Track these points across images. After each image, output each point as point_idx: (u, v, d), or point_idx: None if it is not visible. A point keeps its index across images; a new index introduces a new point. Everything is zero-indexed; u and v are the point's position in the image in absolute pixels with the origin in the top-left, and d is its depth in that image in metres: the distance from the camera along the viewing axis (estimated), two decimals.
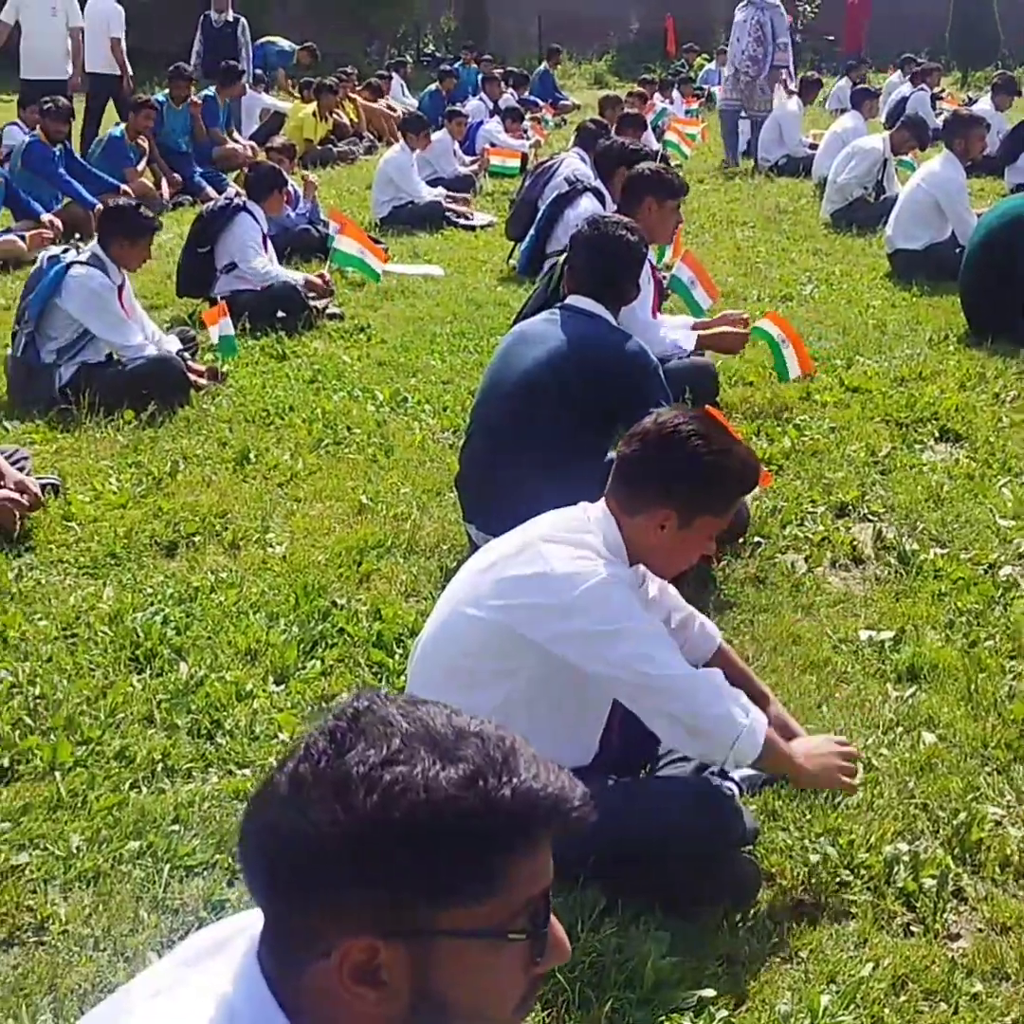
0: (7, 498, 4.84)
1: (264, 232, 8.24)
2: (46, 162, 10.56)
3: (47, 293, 6.28)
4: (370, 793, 1.28)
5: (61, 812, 3.23)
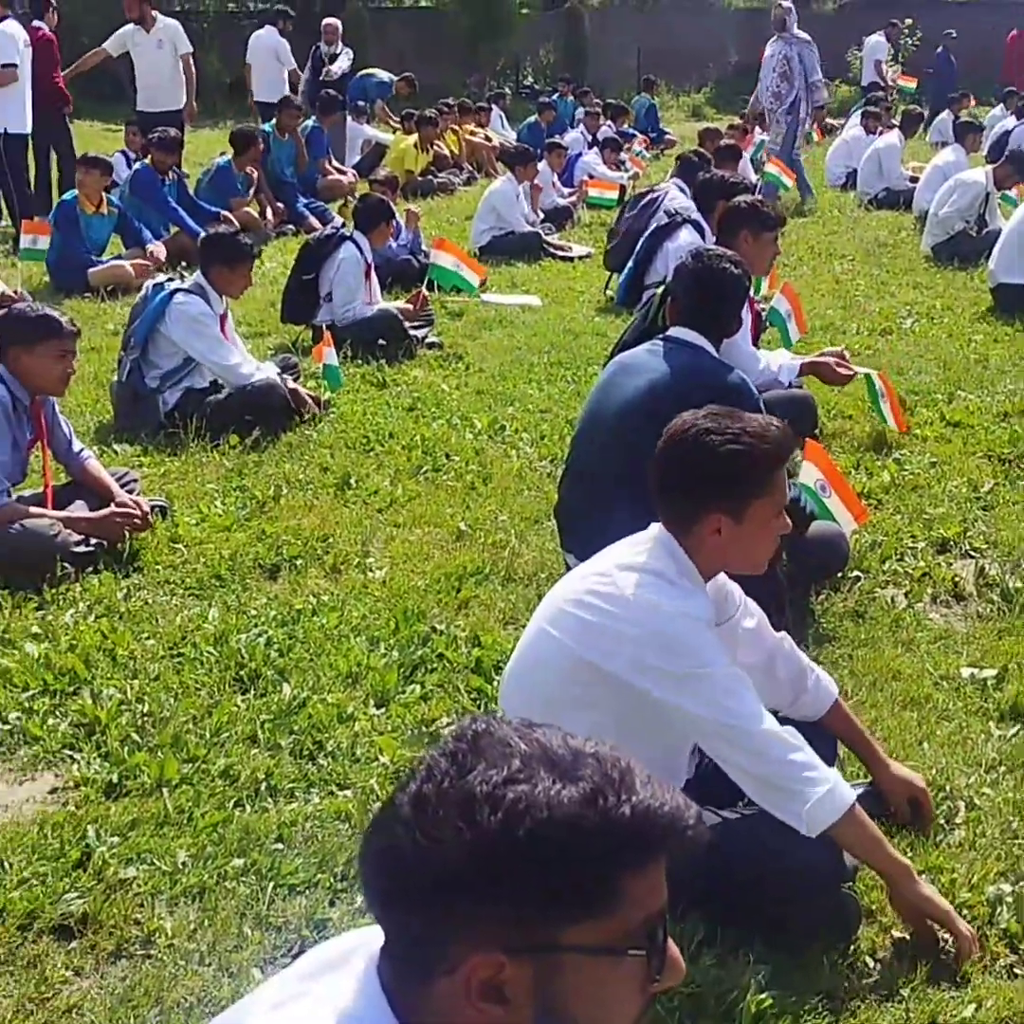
0: (117, 512, 4.96)
1: (369, 263, 8.36)
2: (153, 189, 10.81)
3: (152, 320, 6.44)
4: (494, 811, 1.31)
5: (168, 828, 3.30)
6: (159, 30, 12.62)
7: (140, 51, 12.69)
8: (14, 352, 4.87)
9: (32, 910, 2.95)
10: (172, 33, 12.74)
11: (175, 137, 11.15)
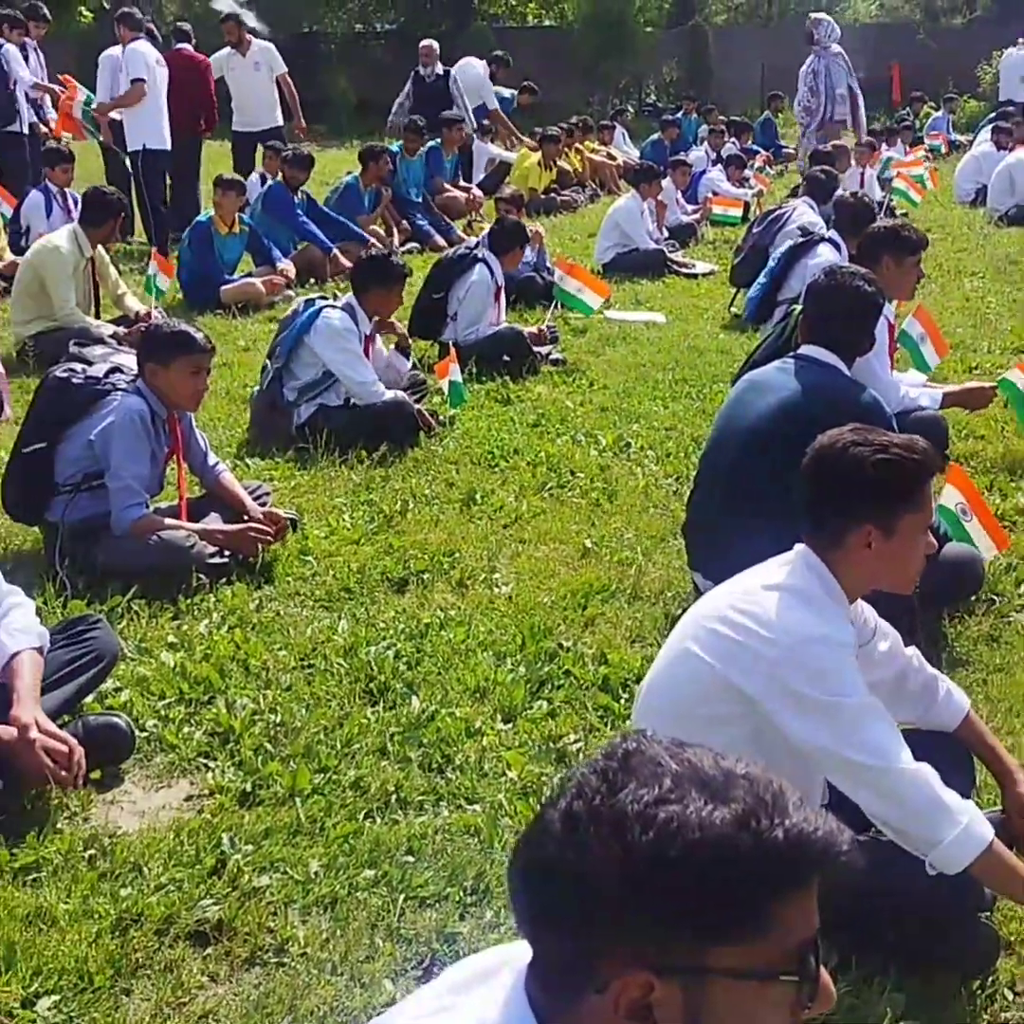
0: (251, 527, 5.06)
1: (499, 284, 8.42)
2: (285, 205, 11.00)
3: (299, 332, 6.60)
4: (646, 831, 1.30)
5: (300, 837, 3.34)
6: (255, 53, 13.28)
7: (236, 74, 13.34)
8: (151, 368, 4.99)
9: (169, 915, 3.01)
10: (268, 55, 13.35)
11: (307, 155, 11.35)
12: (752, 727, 2.83)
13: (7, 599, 3.66)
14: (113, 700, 3.97)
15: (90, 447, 4.93)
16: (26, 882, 3.13)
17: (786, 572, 2.90)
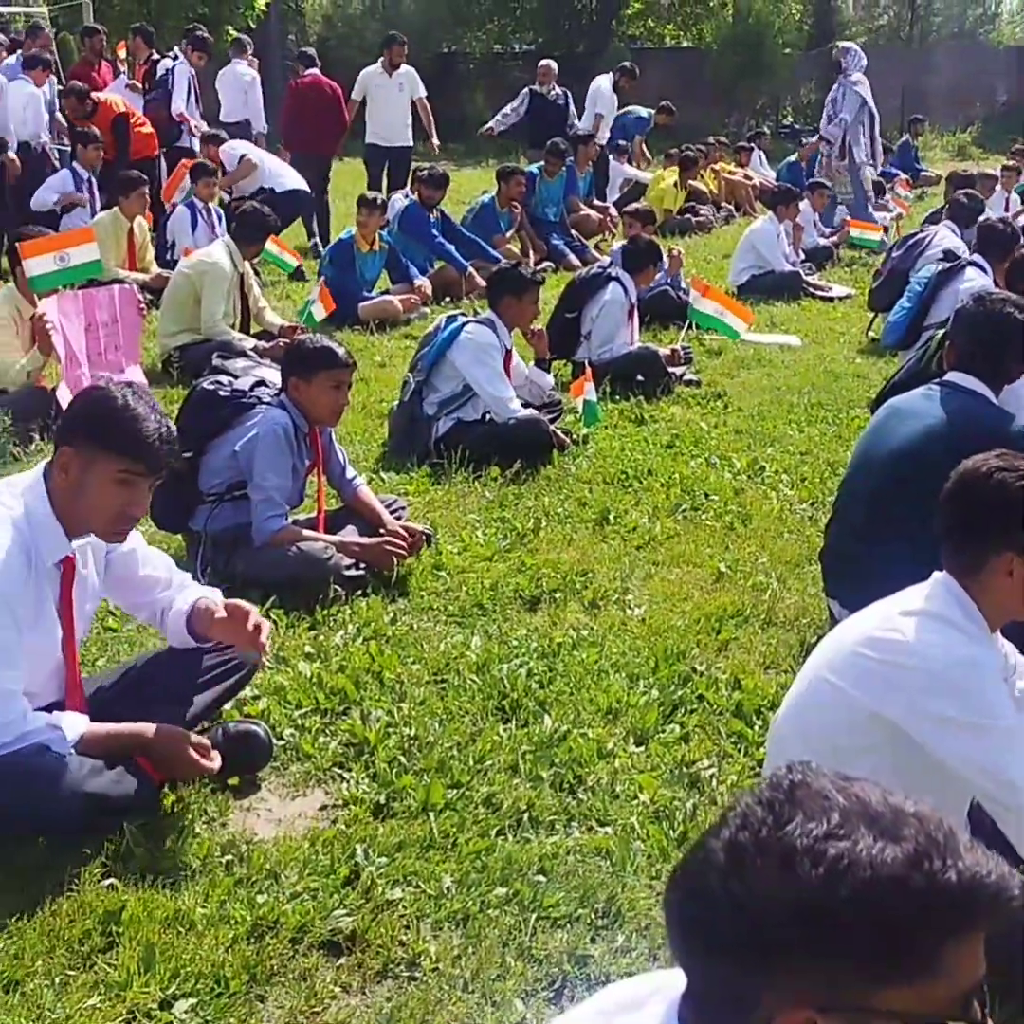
0: (387, 540, 5.10)
1: (632, 303, 8.41)
2: (421, 224, 11.12)
3: (441, 347, 6.68)
4: (815, 866, 1.28)
5: (433, 852, 3.35)
6: (400, 75, 14.03)
7: (380, 91, 14.04)
8: (295, 382, 5.07)
9: (303, 924, 3.03)
10: (411, 79, 14.12)
11: (443, 174, 11.46)
12: (894, 756, 2.78)
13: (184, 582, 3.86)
14: (251, 707, 4.03)
15: (234, 458, 5.02)
16: (165, 885, 3.18)
17: (925, 599, 2.85)
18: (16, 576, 3.26)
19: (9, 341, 6.96)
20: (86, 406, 3.44)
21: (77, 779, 3.21)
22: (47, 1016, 2.73)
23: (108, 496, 3.33)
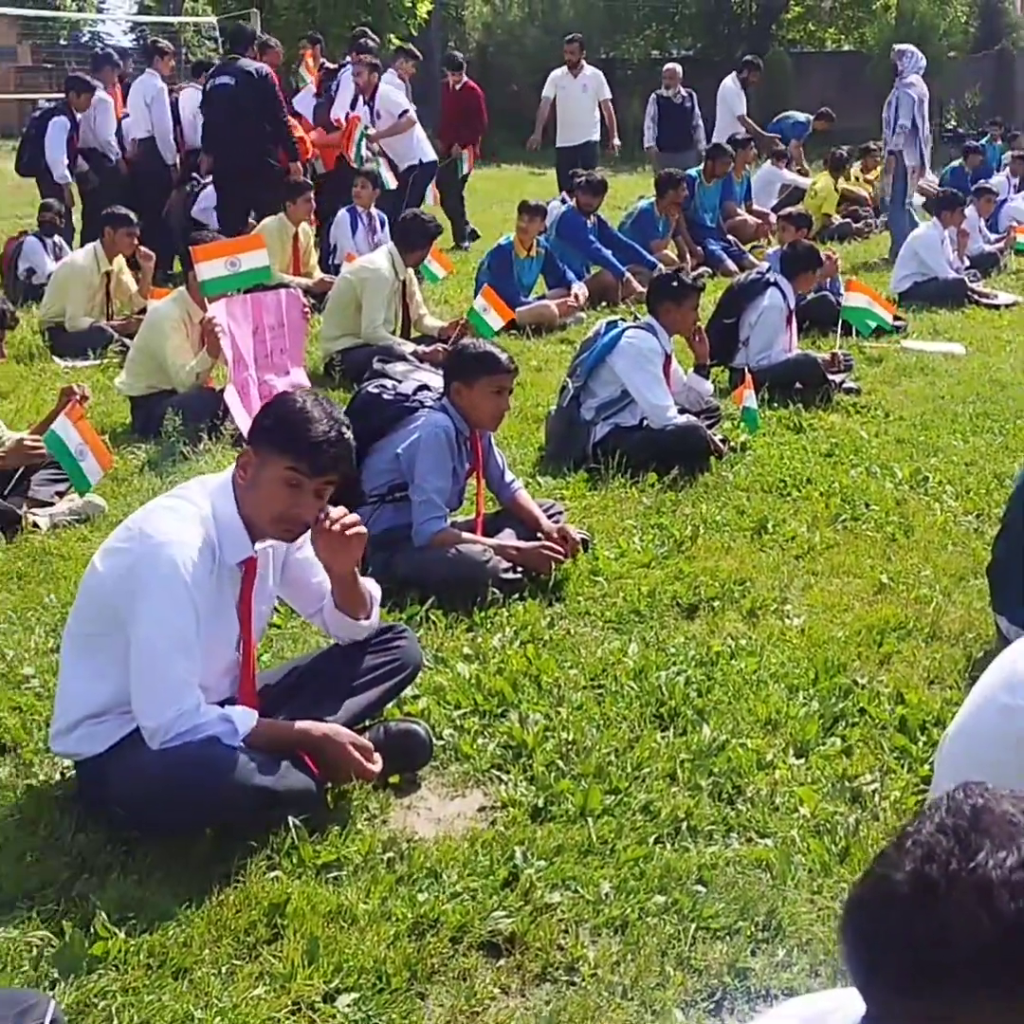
0: (545, 545, 5.12)
1: (791, 309, 8.31)
2: (579, 230, 11.14)
3: (601, 352, 6.67)
4: (1014, 899, 1.24)
5: (591, 857, 3.34)
6: (585, 76, 14.67)
7: (566, 93, 14.73)
8: (457, 386, 5.11)
9: (463, 924, 3.05)
10: (596, 80, 14.72)
11: (600, 180, 11.48)
12: None
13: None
14: (412, 707, 4.08)
15: (396, 460, 5.09)
16: (327, 879, 3.23)
17: None
18: (201, 574, 3.34)
19: (180, 343, 7.15)
20: (269, 408, 3.55)
21: (245, 773, 3.27)
22: (214, 1004, 2.79)
23: (275, 496, 3.40)
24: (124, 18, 49.94)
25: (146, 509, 3.50)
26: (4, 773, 3.71)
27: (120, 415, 7.54)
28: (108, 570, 3.41)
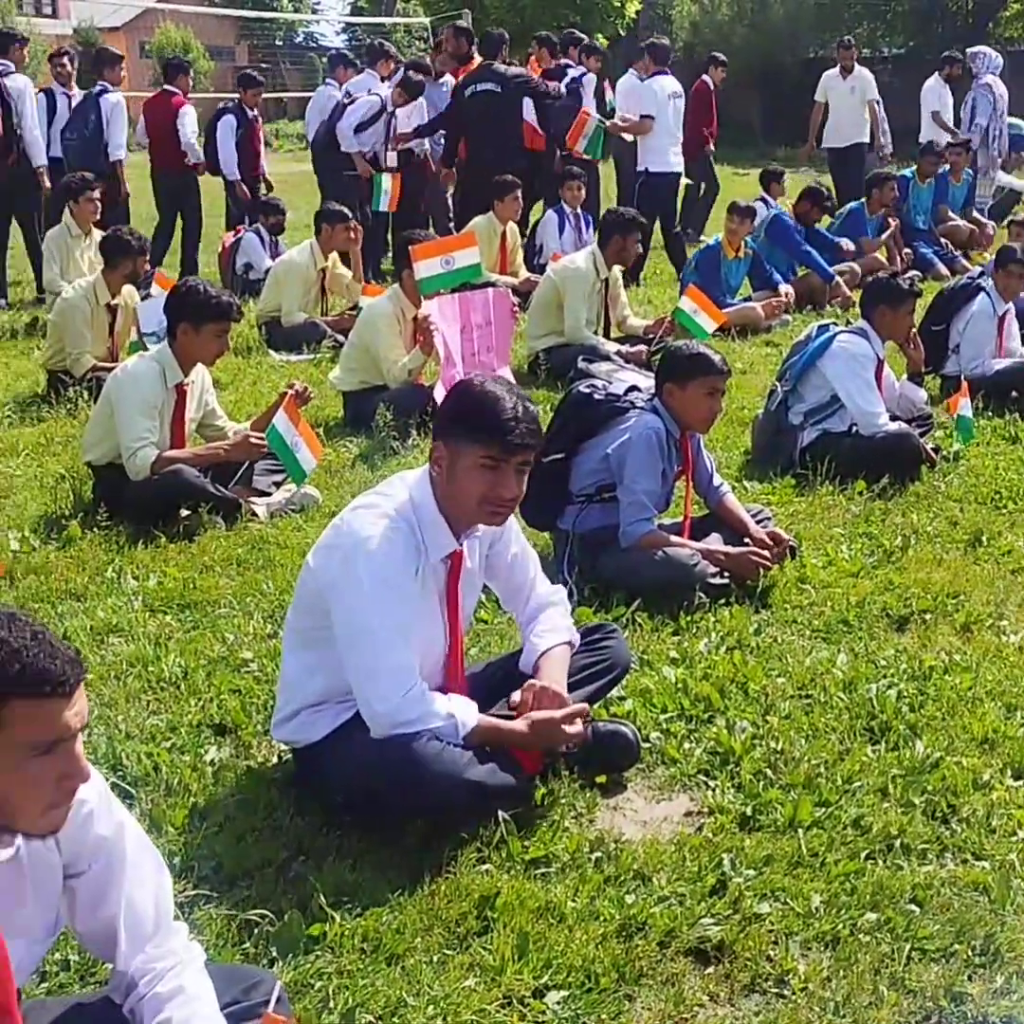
0: (752, 551, 5.07)
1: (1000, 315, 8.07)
2: (788, 233, 11.00)
3: (812, 356, 6.58)
4: None
5: (801, 869, 3.29)
6: (853, 77, 14.90)
7: (835, 94, 14.99)
8: (669, 387, 5.10)
9: (671, 929, 3.04)
10: (864, 82, 14.92)
11: (816, 189, 11.34)
12: None
13: (548, 597, 3.88)
14: (618, 708, 4.08)
15: (605, 461, 5.10)
16: (536, 875, 3.26)
17: None
18: (408, 570, 3.41)
19: (393, 340, 7.29)
20: (451, 399, 3.59)
21: (459, 766, 3.32)
22: (426, 992, 2.83)
23: (474, 481, 3.43)
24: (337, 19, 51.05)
25: (352, 507, 3.57)
26: (225, 754, 3.84)
27: (332, 409, 7.73)
28: (318, 567, 3.50)
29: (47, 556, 5.35)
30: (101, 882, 2.33)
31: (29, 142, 10.78)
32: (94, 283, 7.86)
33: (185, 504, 5.67)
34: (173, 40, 43.28)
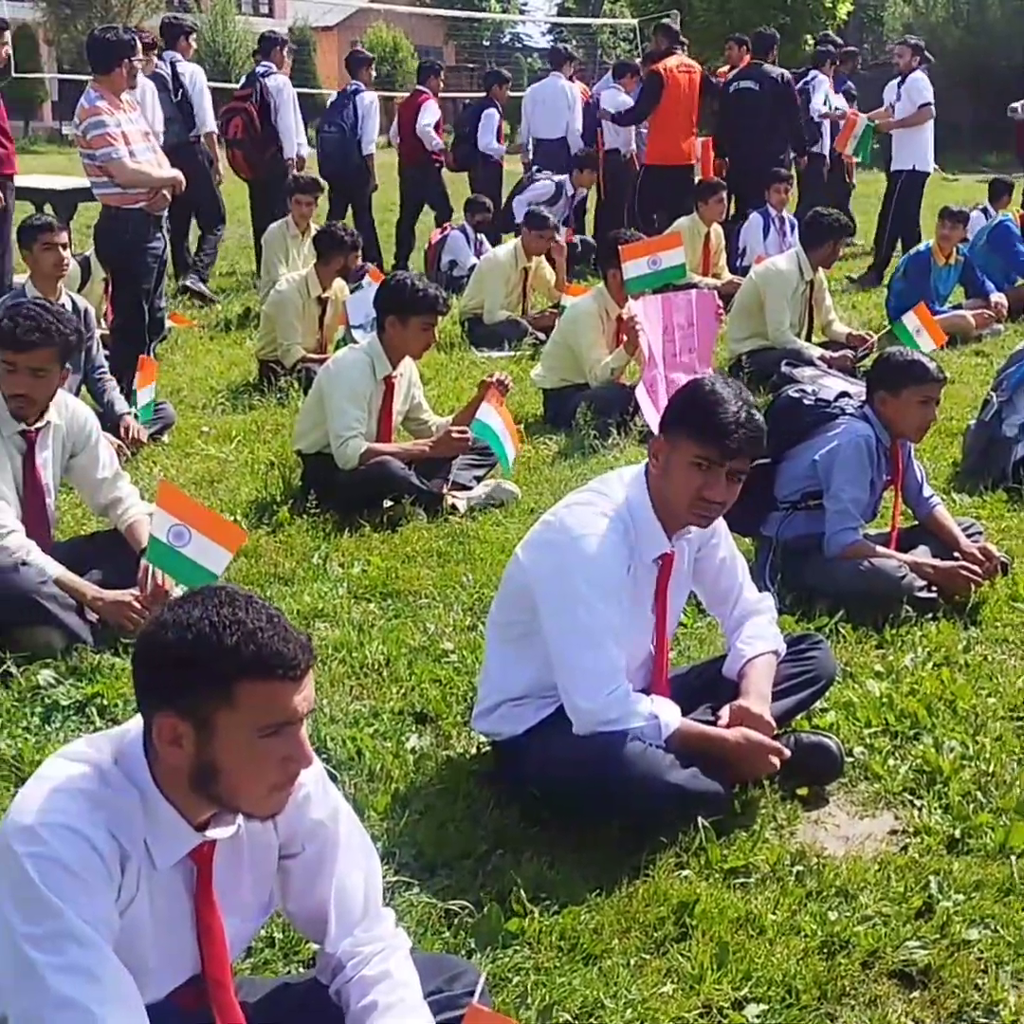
0: (962, 566, 4.92)
1: None
2: (1010, 240, 10.68)
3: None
4: None
5: (1012, 897, 3.17)
6: None
7: None
8: (882, 395, 4.97)
9: (875, 949, 2.96)
10: None
11: None
12: None
13: (755, 604, 3.83)
14: (820, 720, 4.00)
15: (813, 467, 5.00)
16: (735, 885, 3.21)
17: None
18: (619, 568, 3.40)
19: (596, 339, 7.29)
20: (680, 394, 3.57)
21: (660, 768, 3.29)
22: (623, 995, 2.81)
23: (685, 479, 3.41)
24: (544, 19, 51.34)
25: (567, 503, 3.57)
26: (425, 742, 3.88)
27: (532, 406, 7.76)
28: (529, 562, 3.51)
29: (257, 540, 5.49)
30: (314, 864, 2.38)
31: (283, 136, 11.54)
32: (306, 277, 8.08)
33: (390, 495, 5.77)
34: (384, 40, 44.09)
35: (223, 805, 2.15)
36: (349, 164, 12.21)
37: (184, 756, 2.07)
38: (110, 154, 7.38)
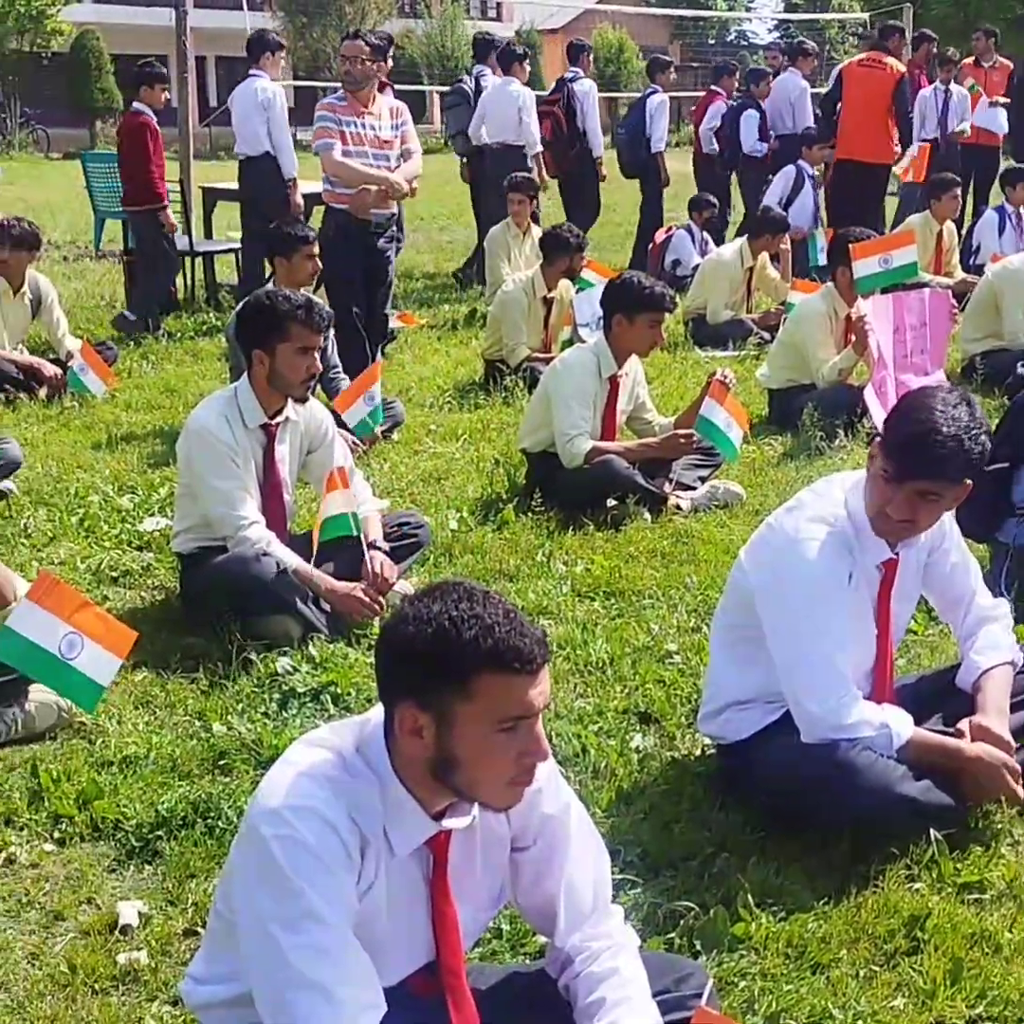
0: None
1: None
2: None
3: None
4: None
5: None
6: None
7: None
8: None
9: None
10: None
11: None
12: None
13: (989, 611, 3.71)
14: None
15: None
16: (968, 900, 3.13)
17: None
18: (841, 575, 3.35)
19: (824, 339, 7.17)
20: (897, 405, 3.48)
21: (892, 779, 3.23)
22: (852, 1007, 2.76)
23: (872, 491, 3.34)
24: (771, 16, 50.70)
25: (787, 507, 3.52)
26: (649, 742, 3.89)
27: (757, 406, 7.67)
28: (750, 566, 3.49)
29: (483, 536, 5.57)
30: (544, 858, 2.40)
31: (590, 136, 12.26)
32: (532, 277, 8.16)
33: (614, 494, 5.78)
34: (609, 41, 44.10)
35: (463, 795, 2.19)
36: (639, 162, 12.81)
37: (424, 747, 2.12)
38: (321, 145, 7.74)
